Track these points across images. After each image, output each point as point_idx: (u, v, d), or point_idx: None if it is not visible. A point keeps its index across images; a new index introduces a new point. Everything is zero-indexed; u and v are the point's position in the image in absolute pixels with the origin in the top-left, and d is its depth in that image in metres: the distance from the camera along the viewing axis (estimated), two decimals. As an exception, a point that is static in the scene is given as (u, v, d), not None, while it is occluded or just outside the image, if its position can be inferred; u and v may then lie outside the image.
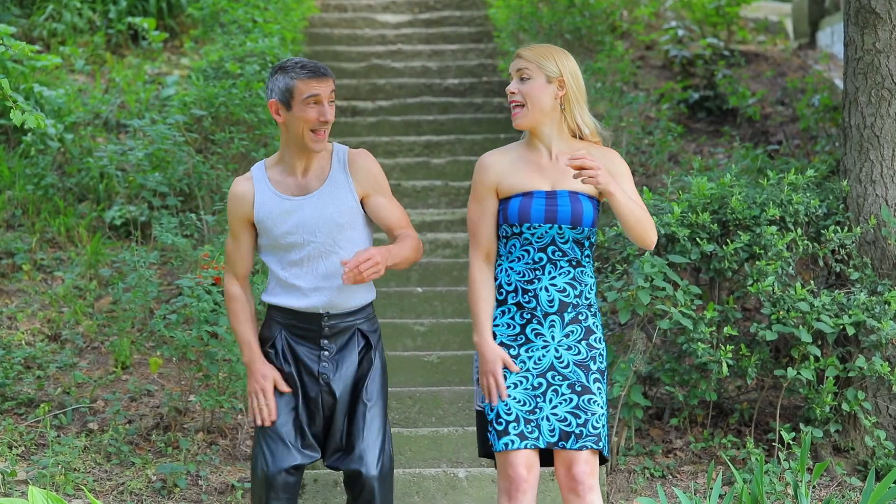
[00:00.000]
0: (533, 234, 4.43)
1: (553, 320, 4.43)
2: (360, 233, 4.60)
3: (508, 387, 4.42)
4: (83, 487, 5.40)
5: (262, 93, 8.39)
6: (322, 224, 4.53)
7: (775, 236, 6.07)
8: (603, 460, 4.49)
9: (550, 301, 4.43)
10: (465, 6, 12.13)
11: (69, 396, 6.57)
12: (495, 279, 4.51)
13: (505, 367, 4.44)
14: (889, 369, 5.94)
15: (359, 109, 9.98)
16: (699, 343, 5.94)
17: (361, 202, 4.60)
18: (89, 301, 7.37)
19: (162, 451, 6.19)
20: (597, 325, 4.49)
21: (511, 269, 4.48)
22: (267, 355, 4.61)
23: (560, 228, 4.42)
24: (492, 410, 4.41)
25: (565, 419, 4.39)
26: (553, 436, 4.38)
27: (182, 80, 9.79)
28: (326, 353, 4.57)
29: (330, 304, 4.56)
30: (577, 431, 4.38)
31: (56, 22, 10.74)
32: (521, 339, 4.45)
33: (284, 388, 4.56)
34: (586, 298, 4.48)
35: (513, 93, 4.48)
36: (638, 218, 4.40)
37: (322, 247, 4.53)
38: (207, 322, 6.18)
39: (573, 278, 4.45)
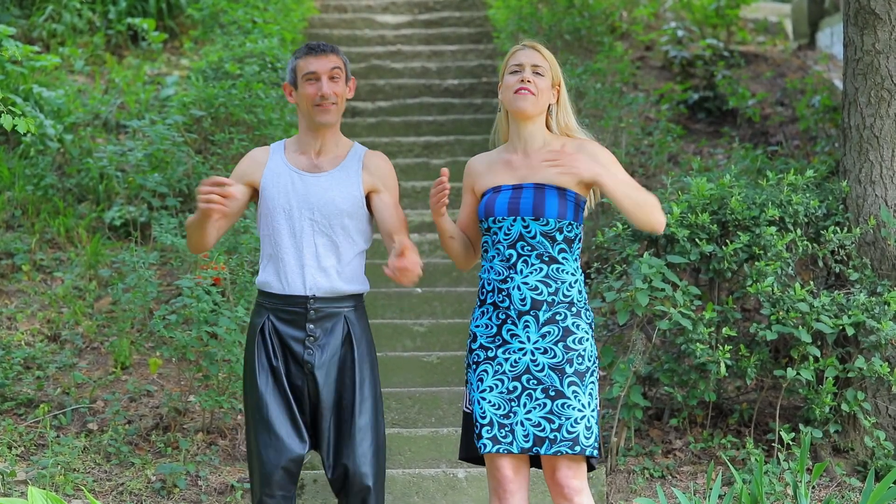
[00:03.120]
0: (500, 229, 4.43)
1: (527, 320, 4.40)
2: (359, 225, 4.62)
3: (484, 390, 4.42)
4: (83, 488, 5.40)
5: (261, 93, 8.40)
6: (323, 204, 4.57)
7: (775, 237, 6.07)
8: (591, 465, 4.44)
9: (523, 300, 4.40)
10: (465, 7, 12.13)
11: (69, 397, 6.57)
12: (480, 281, 4.55)
13: (483, 370, 4.43)
14: (888, 370, 5.94)
15: (358, 110, 9.98)
16: (698, 343, 5.94)
17: (368, 197, 4.62)
18: (89, 301, 7.38)
19: (161, 452, 6.19)
20: (577, 325, 4.42)
21: (491, 268, 4.48)
22: (255, 345, 4.61)
23: (524, 221, 4.41)
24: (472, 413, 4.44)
25: (539, 424, 4.36)
26: (527, 441, 4.36)
27: (181, 81, 9.79)
28: (312, 338, 4.57)
29: (316, 284, 4.56)
30: (550, 437, 4.35)
31: (56, 23, 10.75)
32: (498, 340, 4.43)
33: (226, 182, 4.41)
34: (565, 296, 4.42)
35: (528, 81, 4.46)
36: (636, 202, 4.37)
37: (318, 226, 4.56)
38: (207, 322, 6.19)
39: (546, 276, 4.41)
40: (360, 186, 4.62)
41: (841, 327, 5.96)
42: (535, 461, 4.51)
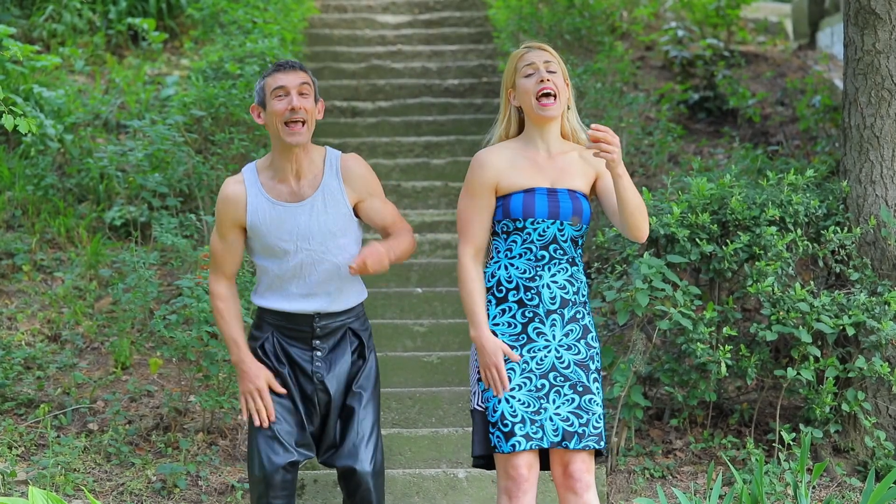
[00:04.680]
0: (536, 230, 4.45)
1: (554, 319, 4.45)
2: (352, 238, 4.62)
3: (513, 388, 4.44)
4: (83, 488, 5.40)
5: (261, 93, 8.39)
6: (316, 231, 4.53)
7: (775, 237, 6.07)
8: (598, 454, 4.51)
9: (552, 298, 4.45)
10: (465, 7, 12.13)
11: (69, 397, 6.57)
12: (493, 276, 4.52)
13: (510, 368, 4.45)
14: (889, 370, 5.94)
15: (359, 110, 9.98)
16: (698, 343, 5.94)
17: (355, 207, 4.61)
18: (89, 301, 7.37)
19: (162, 452, 6.19)
20: (592, 324, 4.54)
21: (511, 265, 4.48)
22: (258, 355, 4.61)
23: (562, 224, 4.45)
24: (495, 411, 4.42)
25: (568, 419, 4.41)
26: (557, 436, 4.41)
27: (182, 81, 9.79)
28: (319, 353, 4.58)
29: (321, 308, 4.57)
30: (579, 431, 4.40)
31: (56, 23, 10.74)
32: (523, 338, 4.45)
33: (278, 388, 4.56)
34: (582, 296, 4.52)
35: (547, 80, 4.46)
36: (637, 205, 4.40)
37: (315, 254, 4.54)
38: (207, 322, 6.18)
39: (571, 276, 4.49)
40: (346, 203, 4.58)
41: (841, 327, 5.96)
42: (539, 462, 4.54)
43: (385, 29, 11.70)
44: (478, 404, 4.50)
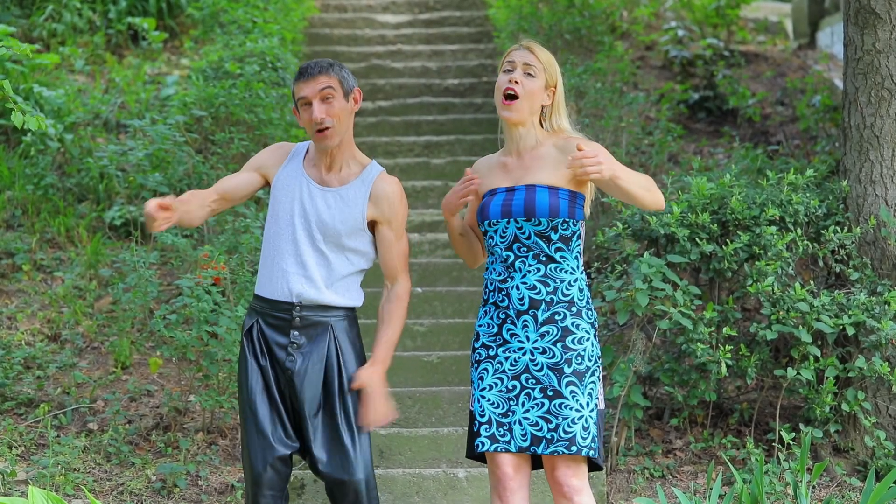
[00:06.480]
0: (496, 232, 4.45)
1: (526, 320, 4.40)
2: (358, 246, 4.60)
3: (484, 388, 4.43)
4: (83, 487, 5.40)
5: (262, 93, 8.40)
6: (322, 219, 4.56)
7: (775, 236, 6.07)
8: (597, 465, 4.44)
9: (521, 299, 4.41)
10: (465, 6, 12.13)
11: (69, 396, 6.57)
12: (484, 281, 4.56)
13: (484, 368, 4.43)
14: (889, 369, 5.94)
15: (359, 110, 9.97)
16: (698, 343, 5.94)
17: (372, 224, 4.61)
18: (89, 301, 7.38)
19: (162, 452, 6.19)
20: (577, 325, 4.40)
21: (493, 269, 4.50)
22: (245, 346, 4.62)
23: (517, 222, 4.41)
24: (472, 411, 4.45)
25: (537, 423, 4.36)
26: (525, 440, 4.37)
27: (182, 81, 9.79)
28: (295, 344, 4.57)
29: (304, 291, 4.55)
30: (547, 436, 4.35)
31: (56, 22, 10.75)
32: (499, 339, 4.44)
33: (165, 200, 4.42)
34: (564, 295, 4.41)
35: (516, 82, 4.46)
36: (646, 186, 4.38)
37: (313, 240, 4.55)
38: (207, 322, 6.19)
39: (545, 275, 4.41)
40: (362, 212, 4.58)
41: (841, 327, 5.96)
42: (538, 461, 4.52)
43: (385, 28, 11.71)
44: (472, 405, 4.52)
